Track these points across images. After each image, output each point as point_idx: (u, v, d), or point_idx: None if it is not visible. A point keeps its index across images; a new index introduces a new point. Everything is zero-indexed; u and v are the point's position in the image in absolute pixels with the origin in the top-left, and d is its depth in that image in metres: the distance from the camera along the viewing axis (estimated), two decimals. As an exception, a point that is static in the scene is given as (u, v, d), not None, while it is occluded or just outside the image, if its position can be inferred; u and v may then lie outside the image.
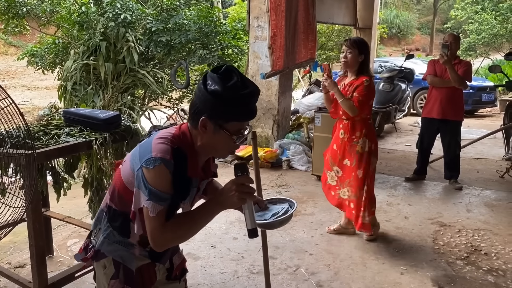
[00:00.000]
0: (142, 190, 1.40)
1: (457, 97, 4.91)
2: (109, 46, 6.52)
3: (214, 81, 1.40)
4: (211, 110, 1.41)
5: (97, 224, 1.64)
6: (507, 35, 19.25)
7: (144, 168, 1.39)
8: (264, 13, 5.64)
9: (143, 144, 1.47)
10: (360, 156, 3.53)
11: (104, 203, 1.62)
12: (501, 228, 4.00)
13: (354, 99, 3.39)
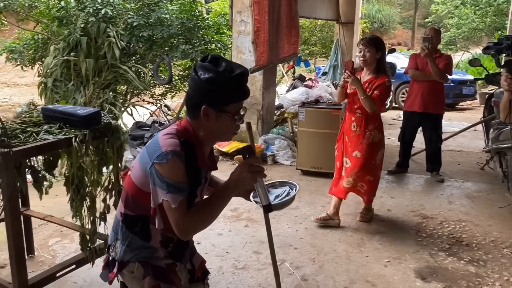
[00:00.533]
0: (158, 185, 1.45)
1: (438, 91, 4.99)
2: (90, 41, 6.39)
3: (206, 70, 1.47)
4: (209, 97, 1.48)
5: (112, 237, 1.65)
6: (486, 29, 19.58)
7: (157, 164, 1.45)
8: (247, 7, 5.61)
9: (150, 145, 1.53)
10: (372, 146, 3.75)
11: (118, 213, 1.64)
12: (481, 219, 4.07)
13: (374, 97, 3.56)
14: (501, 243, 3.61)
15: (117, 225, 1.63)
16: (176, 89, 8.27)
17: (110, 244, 1.67)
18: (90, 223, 2.54)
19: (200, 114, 1.49)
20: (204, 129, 1.54)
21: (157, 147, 1.47)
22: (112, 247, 1.65)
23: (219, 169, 1.79)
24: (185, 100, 1.58)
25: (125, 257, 1.60)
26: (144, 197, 1.52)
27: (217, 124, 1.52)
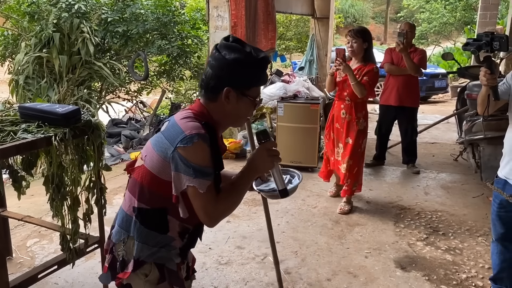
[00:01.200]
0: (182, 171, 1.38)
1: (413, 85, 5.10)
2: (63, 37, 6.26)
3: (232, 50, 1.42)
4: (234, 78, 1.44)
5: (121, 235, 1.53)
6: (456, 24, 20.04)
7: (181, 148, 1.37)
8: (223, 2, 5.59)
9: (167, 130, 1.45)
10: (360, 134, 3.99)
11: (129, 209, 1.52)
12: (456, 209, 4.19)
13: (364, 82, 3.79)
14: (476, 231, 3.73)
15: (128, 221, 1.52)
16: (152, 85, 8.19)
17: (115, 243, 1.56)
18: (71, 223, 2.50)
19: (221, 96, 1.45)
20: (220, 112, 1.49)
21: (178, 131, 1.40)
22: (120, 246, 1.53)
23: None
24: (202, 80, 1.50)
25: (141, 255, 1.50)
26: (163, 186, 1.44)
27: (237, 108, 1.48)
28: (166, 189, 1.43)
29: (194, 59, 7.74)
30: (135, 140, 6.43)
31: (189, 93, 9.03)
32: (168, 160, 1.40)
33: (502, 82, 2.42)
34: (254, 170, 1.50)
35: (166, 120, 1.54)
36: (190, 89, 9.03)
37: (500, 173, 2.48)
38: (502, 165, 2.48)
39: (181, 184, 1.40)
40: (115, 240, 1.55)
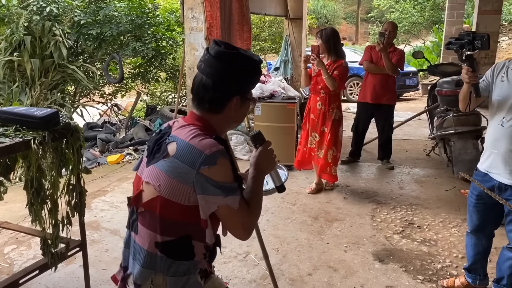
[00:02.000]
0: (211, 193, 1.32)
1: (390, 83, 5.21)
2: (35, 41, 6.15)
3: (233, 57, 1.39)
4: (241, 86, 1.42)
5: (146, 274, 1.42)
6: (424, 23, 20.55)
7: (205, 170, 1.31)
8: (198, 4, 5.59)
9: (181, 153, 1.34)
10: (334, 123, 4.37)
11: (150, 247, 1.41)
12: (430, 202, 4.33)
13: (335, 76, 4.19)
14: (449, 223, 3.86)
15: (152, 259, 1.41)
16: (127, 87, 8.12)
17: (140, 285, 1.44)
18: (52, 227, 2.48)
19: (229, 106, 1.42)
20: (224, 121, 1.46)
21: (196, 152, 1.32)
22: (148, 286, 1.43)
23: None
24: (200, 93, 1.41)
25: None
26: (186, 213, 1.36)
27: (240, 113, 1.47)
28: (190, 215, 1.36)
29: (169, 60, 7.72)
30: (111, 143, 6.37)
31: (165, 95, 8.98)
32: (191, 185, 1.32)
33: (482, 79, 2.49)
34: (262, 172, 1.51)
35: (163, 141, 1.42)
36: (165, 91, 8.99)
37: (481, 166, 2.53)
38: (483, 159, 2.53)
39: (210, 207, 1.35)
40: (140, 282, 1.44)
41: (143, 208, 1.41)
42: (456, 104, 4.67)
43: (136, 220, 1.44)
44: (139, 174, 1.48)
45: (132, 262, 1.47)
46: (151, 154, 1.43)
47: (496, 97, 2.40)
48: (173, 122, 1.50)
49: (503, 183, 2.39)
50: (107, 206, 4.27)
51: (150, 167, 1.40)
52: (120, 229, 3.78)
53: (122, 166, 5.65)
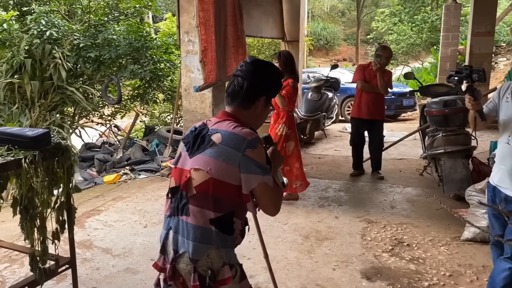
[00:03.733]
0: (253, 171, 1.60)
1: (381, 101, 5.69)
2: (35, 63, 6.31)
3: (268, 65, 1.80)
4: (270, 89, 1.80)
5: (203, 249, 1.63)
6: (422, 44, 20.81)
7: (249, 151, 1.60)
8: (194, 28, 5.74)
9: (227, 141, 1.63)
10: (279, 138, 4.67)
11: (205, 223, 1.63)
12: (421, 221, 4.36)
13: (283, 95, 4.51)
14: (438, 241, 3.90)
15: (207, 234, 1.63)
16: (126, 109, 8.25)
17: (197, 260, 1.63)
18: (40, 244, 2.54)
19: (256, 104, 1.74)
20: (250, 118, 1.76)
21: (239, 138, 1.62)
22: (204, 261, 1.63)
23: None
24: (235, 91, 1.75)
25: (230, 260, 1.67)
26: (232, 190, 1.62)
27: (262, 113, 1.79)
28: (234, 192, 1.63)
29: (167, 82, 7.87)
30: (108, 163, 6.45)
31: (163, 116, 9.11)
32: (237, 165, 1.60)
33: (490, 101, 2.66)
34: (276, 165, 1.80)
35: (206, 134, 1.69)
36: (164, 112, 9.11)
37: (491, 180, 2.66)
38: (493, 173, 2.66)
39: (251, 183, 1.61)
40: (197, 257, 1.63)
41: (195, 191, 1.63)
42: (444, 124, 4.80)
43: (186, 203, 1.65)
44: (181, 166, 1.72)
45: (185, 242, 1.65)
46: (194, 146, 1.69)
47: (503, 117, 2.55)
48: (206, 121, 1.78)
49: (509, 196, 2.51)
50: (100, 225, 4.32)
51: (197, 156, 1.66)
52: (112, 247, 3.82)
53: (118, 185, 5.71)
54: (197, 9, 5.43)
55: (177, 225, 1.69)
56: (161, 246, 1.74)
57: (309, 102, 7.95)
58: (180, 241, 1.66)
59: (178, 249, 1.66)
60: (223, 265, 1.65)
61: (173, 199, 1.71)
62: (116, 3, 7.14)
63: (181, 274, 1.66)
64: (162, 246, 1.74)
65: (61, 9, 7.08)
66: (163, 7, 23.01)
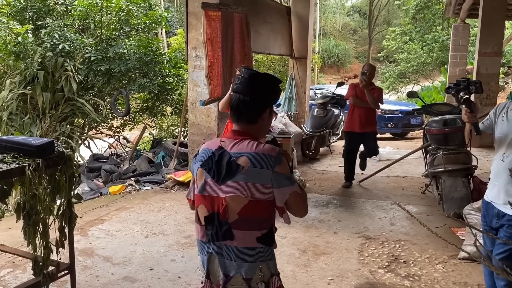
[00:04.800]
0: (283, 184, 1.71)
1: (372, 115, 6.05)
2: (47, 75, 6.51)
3: (266, 77, 1.85)
4: (273, 99, 1.87)
5: (255, 268, 1.74)
6: (433, 63, 20.85)
7: (278, 167, 1.71)
8: (201, 44, 5.91)
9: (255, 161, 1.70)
10: None
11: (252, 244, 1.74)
12: (419, 238, 4.38)
13: None
14: (435, 259, 3.91)
15: (257, 253, 1.74)
16: (135, 121, 8.41)
17: (251, 279, 1.74)
18: (43, 249, 2.64)
19: (263, 117, 1.82)
20: (258, 130, 1.85)
21: (266, 157, 1.71)
22: (257, 277, 1.75)
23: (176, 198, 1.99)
24: (240, 109, 1.82)
25: (273, 270, 1.81)
26: (268, 207, 1.74)
27: (268, 122, 1.88)
28: (271, 207, 1.75)
29: (175, 96, 8.03)
30: (114, 174, 6.58)
31: (171, 129, 9.25)
32: (269, 182, 1.70)
33: (486, 119, 2.73)
34: None
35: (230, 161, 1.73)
36: (172, 124, 9.27)
37: (486, 196, 2.74)
38: (488, 189, 2.74)
39: (285, 196, 1.73)
40: (251, 275, 1.74)
41: (238, 216, 1.72)
42: (444, 142, 4.84)
43: (229, 229, 1.73)
44: (211, 194, 1.77)
45: (234, 264, 1.75)
46: (220, 174, 1.73)
47: (498, 134, 2.63)
48: (220, 142, 1.81)
49: (501, 211, 2.59)
50: (103, 234, 4.42)
51: (228, 183, 1.72)
52: (112, 256, 3.91)
53: (122, 196, 5.82)
54: (205, 26, 5.59)
55: (219, 250, 1.76)
56: (206, 272, 1.81)
57: (314, 118, 8.04)
58: (228, 264, 1.75)
59: (228, 273, 1.75)
60: (271, 276, 1.78)
61: (209, 226, 1.77)
62: (127, 18, 7.35)
63: None
64: (207, 272, 1.81)
65: (75, 24, 7.31)
66: (177, 22, 23.45)
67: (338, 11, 39.19)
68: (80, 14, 7.08)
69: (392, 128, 11.49)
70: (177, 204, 5.33)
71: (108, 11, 7.29)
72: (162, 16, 7.53)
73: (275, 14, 8.57)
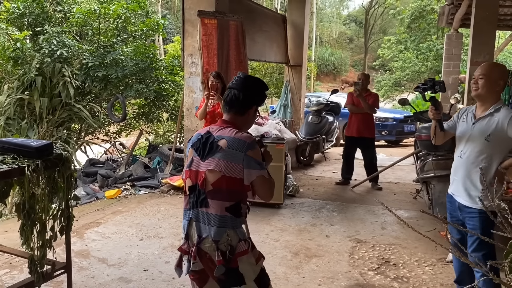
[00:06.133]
0: (253, 167, 2.03)
1: (370, 120, 6.52)
2: (45, 81, 6.59)
3: (256, 80, 2.23)
4: (260, 99, 2.20)
5: (223, 231, 2.05)
6: (427, 72, 21.02)
7: (250, 151, 2.03)
8: (197, 51, 6.02)
9: (232, 144, 2.04)
10: None
11: (222, 212, 2.05)
12: (409, 242, 4.47)
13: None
14: (424, 262, 4.00)
15: (224, 220, 2.05)
16: (131, 127, 8.48)
17: (219, 240, 2.04)
18: (39, 248, 2.71)
19: (249, 111, 2.16)
20: (243, 123, 2.17)
21: (241, 142, 2.04)
22: (225, 240, 2.04)
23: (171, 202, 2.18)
24: (231, 102, 2.19)
25: (244, 236, 2.11)
26: (238, 183, 2.04)
27: (252, 119, 2.21)
28: (240, 184, 2.05)
29: (171, 102, 8.12)
30: (110, 179, 6.64)
31: (167, 135, 9.34)
32: (241, 163, 2.02)
33: (450, 120, 3.09)
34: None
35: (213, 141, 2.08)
36: (168, 130, 9.35)
37: (449, 190, 3.06)
38: (450, 183, 3.05)
39: (252, 176, 2.04)
40: (218, 238, 2.05)
41: (212, 187, 2.05)
42: (433, 148, 4.95)
43: (205, 198, 2.07)
44: (195, 168, 2.12)
45: (206, 228, 2.07)
46: (204, 152, 2.08)
47: (458, 134, 2.99)
48: (209, 128, 2.17)
49: (461, 204, 2.90)
50: (98, 237, 4.48)
51: (209, 159, 2.07)
52: (108, 257, 3.97)
53: (118, 200, 5.89)
54: (201, 34, 5.72)
55: (197, 215, 2.09)
56: (185, 233, 2.13)
57: (309, 125, 8.15)
58: (202, 228, 2.08)
59: (201, 234, 2.07)
60: (239, 241, 2.07)
61: (191, 195, 2.12)
62: (125, 25, 7.46)
63: (206, 252, 2.06)
64: (186, 233, 2.13)
65: (73, 30, 7.41)
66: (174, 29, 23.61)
67: (335, 20, 39.54)
68: (78, 21, 7.18)
69: (386, 136, 11.62)
70: (172, 208, 5.41)
71: (106, 18, 7.39)
72: (159, 24, 7.64)
73: (271, 22, 8.70)
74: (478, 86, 2.82)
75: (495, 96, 2.85)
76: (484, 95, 2.83)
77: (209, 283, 2.15)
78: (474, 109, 2.96)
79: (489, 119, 2.81)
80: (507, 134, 2.73)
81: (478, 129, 2.83)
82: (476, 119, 2.87)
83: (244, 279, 2.10)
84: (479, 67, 2.94)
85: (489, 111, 2.83)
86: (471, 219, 2.81)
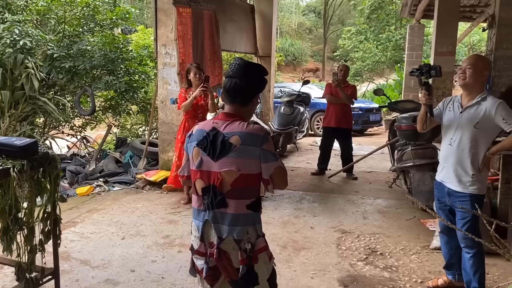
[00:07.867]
0: (270, 159, 1.96)
1: (347, 111, 6.60)
2: (6, 73, 6.17)
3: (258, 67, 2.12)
4: (261, 87, 2.09)
5: (244, 230, 1.99)
6: (387, 62, 21.57)
7: (266, 144, 1.97)
8: (171, 41, 5.83)
9: (245, 140, 1.93)
10: None
11: (242, 210, 1.98)
12: (392, 231, 4.55)
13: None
14: (409, 250, 4.08)
15: (245, 218, 2.00)
16: (97, 120, 8.15)
17: (241, 239, 1.99)
18: (27, 253, 2.53)
19: (253, 100, 2.06)
20: (246, 113, 2.07)
21: (255, 136, 1.95)
22: (245, 238, 1.99)
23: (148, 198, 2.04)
24: (235, 91, 2.03)
25: (259, 232, 2.05)
26: (256, 179, 1.99)
27: (254, 107, 2.11)
28: (257, 180, 2.00)
29: (141, 94, 7.85)
30: (80, 175, 6.36)
31: (135, 128, 9.05)
32: (258, 158, 1.95)
33: (436, 108, 3.15)
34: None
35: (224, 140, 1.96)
36: (136, 123, 9.06)
37: (437, 177, 3.19)
38: (438, 171, 3.18)
39: (270, 169, 1.98)
40: (241, 237, 1.99)
41: (230, 187, 1.97)
42: (413, 138, 5.04)
43: (223, 198, 1.98)
44: (207, 169, 2.01)
45: (226, 228, 1.99)
46: (215, 151, 1.97)
47: (445, 122, 3.11)
48: (212, 123, 2.03)
49: (451, 189, 3.03)
50: (77, 237, 4.28)
51: (222, 160, 1.96)
52: (90, 259, 3.79)
53: (92, 198, 5.65)
54: (176, 23, 5.53)
55: (214, 217, 2.01)
56: (201, 235, 2.05)
57: (282, 116, 8.13)
58: (221, 228, 2.00)
59: (221, 235, 2.00)
60: (258, 237, 2.03)
61: (205, 196, 2.01)
62: (92, 14, 7.10)
63: (225, 251, 2.00)
64: (201, 235, 2.05)
65: (34, 19, 6.98)
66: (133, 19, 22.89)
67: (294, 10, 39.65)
68: (41, 9, 6.76)
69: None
70: (150, 204, 5.23)
71: (73, 7, 7.00)
72: (129, 12, 7.33)
73: (240, 12, 8.57)
74: (465, 75, 2.97)
75: (480, 86, 3.00)
76: (471, 84, 2.97)
77: (220, 281, 2.11)
78: (460, 98, 3.09)
79: (477, 108, 2.95)
80: (494, 121, 2.88)
81: (466, 117, 2.97)
82: (464, 108, 3.00)
83: (258, 279, 2.04)
84: (466, 58, 3.13)
85: (476, 100, 2.96)
86: (462, 203, 2.93)
